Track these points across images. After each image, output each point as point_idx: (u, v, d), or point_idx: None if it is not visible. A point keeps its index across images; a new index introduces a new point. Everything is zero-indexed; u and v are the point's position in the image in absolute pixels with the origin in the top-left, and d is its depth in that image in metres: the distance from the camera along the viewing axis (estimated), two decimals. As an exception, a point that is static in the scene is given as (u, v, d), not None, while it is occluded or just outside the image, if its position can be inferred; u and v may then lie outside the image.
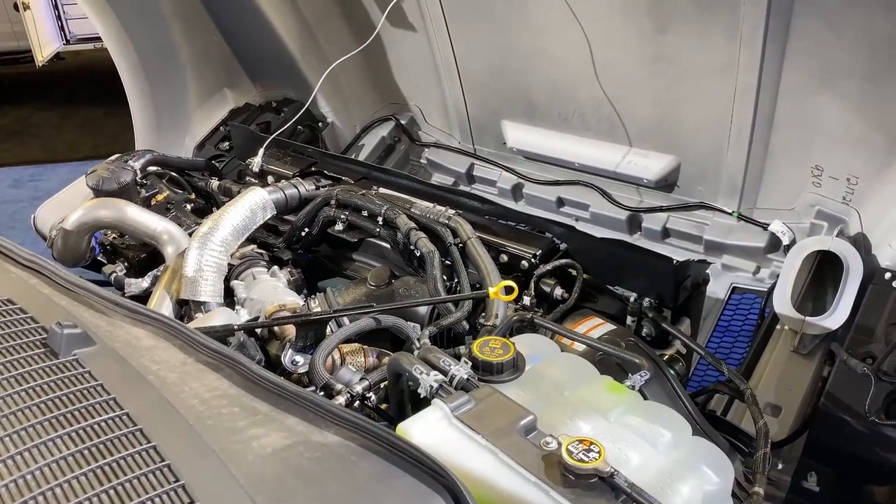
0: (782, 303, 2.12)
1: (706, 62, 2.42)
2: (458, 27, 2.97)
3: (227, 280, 2.12)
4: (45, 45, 7.26)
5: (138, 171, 2.46)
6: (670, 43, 2.46)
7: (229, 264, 2.14)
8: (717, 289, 2.64)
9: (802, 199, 2.48)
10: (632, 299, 1.90)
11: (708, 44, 2.37)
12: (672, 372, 1.65)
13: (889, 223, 2.20)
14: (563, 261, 1.94)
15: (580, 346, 1.64)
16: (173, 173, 2.67)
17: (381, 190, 2.34)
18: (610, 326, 1.78)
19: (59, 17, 7.43)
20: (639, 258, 1.97)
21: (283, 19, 3.14)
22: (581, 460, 1.09)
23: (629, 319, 1.89)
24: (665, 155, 2.72)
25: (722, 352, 2.51)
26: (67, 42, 7.54)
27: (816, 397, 1.92)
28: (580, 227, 2.45)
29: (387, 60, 3.31)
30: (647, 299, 1.89)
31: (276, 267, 2.18)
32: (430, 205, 2.15)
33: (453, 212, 2.10)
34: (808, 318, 2.08)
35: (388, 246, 2.20)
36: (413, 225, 2.04)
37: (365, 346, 1.78)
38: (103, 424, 0.97)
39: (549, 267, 1.90)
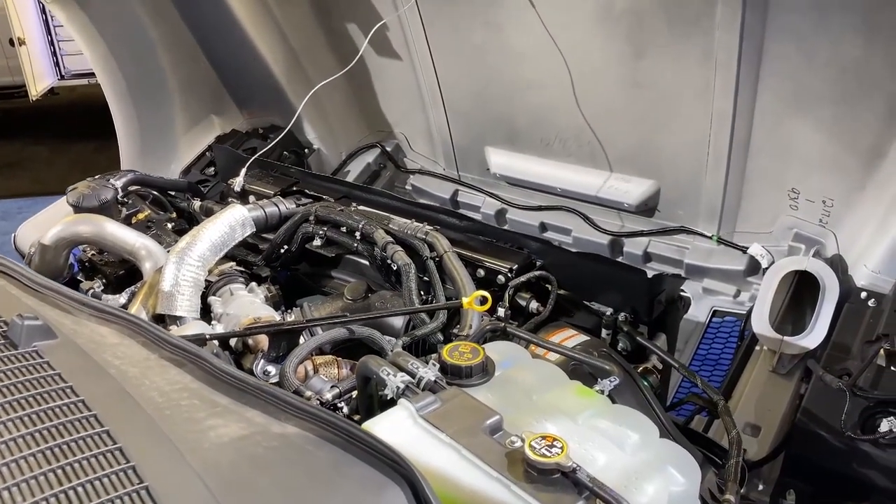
0: (760, 323, 2.13)
1: (683, 87, 2.46)
2: (441, 55, 3.02)
3: (204, 296, 2.11)
4: (39, 80, 7.33)
5: (120, 190, 2.47)
6: (648, 68, 2.51)
7: (207, 281, 2.14)
8: (697, 312, 2.65)
9: (780, 223, 2.51)
10: (607, 313, 1.90)
11: (684, 69, 2.42)
12: (645, 383, 1.64)
13: (864, 244, 2.22)
14: (538, 273, 1.94)
15: (553, 357, 1.63)
16: (155, 192, 2.67)
17: (361, 207, 2.36)
18: (583, 338, 1.78)
19: (54, 53, 7.53)
20: (613, 272, 1.98)
21: (271, 47, 3.19)
22: (543, 455, 1.08)
23: (604, 333, 1.88)
24: (645, 179, 2.75)
25: (703, 375, 2.50)
26: (62, 77, 7.63)
27: (795, 416, 1.91)
28: (561, 249, 2.47)
29: (372, 88, 3.36)
30: (622, 314, 1.89)
31: (253, 283, 2.17)
32: (408, 221, 2.16)
33: (430, 227, 2.11)
34: (785, 338, 2.08)
35: (366, 263, 2.20)
36: (390, 239, 2.05)
37: (339, 358, 1.76)
38: (57, 410, 0.96)
39: (523, 278, 1.90)
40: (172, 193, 2.82)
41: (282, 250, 2.30)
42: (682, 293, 2.13)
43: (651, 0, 2.36)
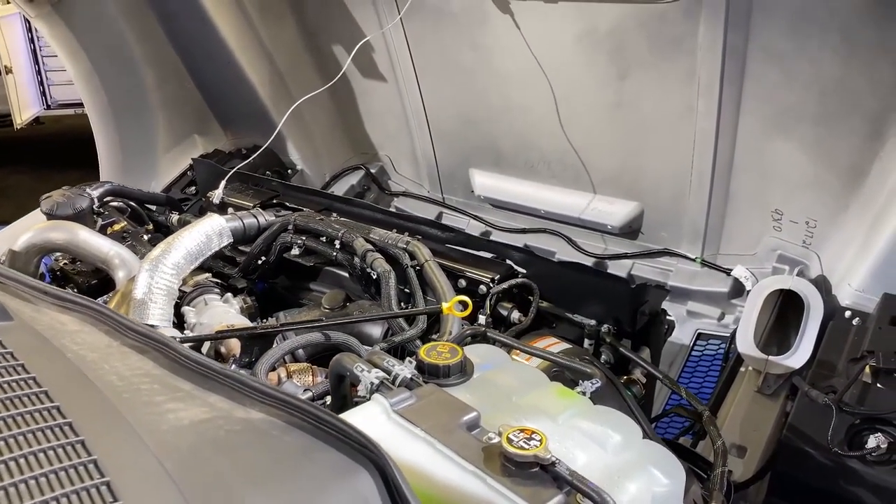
0: (745, 342, 2.10)
1: (666, 108, 2.47)
2: (427, 78, 3.03)
3: (178, 307, 2.05)
4: (24, 109, 7.30)
5: (95, 200, 2.42)
6: (631, 90, 2.52)
7: (181, 291, 2.08)
8: (682, 335, 2.62)
9: (764, 244, 2.50)
10: (590, 324, 1.86)
11: (667, 90, 2.43)
12: (629, 393, 1.60)
13: (847, 263, 2.21)
14: (519, 280, 1.90)
15: (534, 363, 1.58)
16: (133, 204, 2.62)
17: (342, 219, 2.31)
18: (565, 345, 1.73)
19: (41, 83, 7.52)
20: (596, 282, 1.95)
21: (256, 68, 3.18)
22: (521, 447, 1.03)
23: (587, 343, 1.84)
24: (629, 201, 2.74)
25: (687, 397, 2.46)
26: (48, 107, 7.60)
27: (781, 435, 1.87)
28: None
29: (357, 110, 3.36)
30: (605, 325, 1.85)
31: (229, 294, 2.12)
32: (389, 231, 2.12)
33: (411, 237, 2.07)
34: (770, 358, 2.05)
35: (345, 275, 2.16)
36: (370, 247, 2.01)
37: (314, 366, 1.71)
38: (4, 385, 0.90)
39: (504, 285, 1.87)
40: (153, 208, 2.78)
41: (259, 261, 2.25)
42: (667, 316, 2.10)
43: (634, 22, 2.38)
